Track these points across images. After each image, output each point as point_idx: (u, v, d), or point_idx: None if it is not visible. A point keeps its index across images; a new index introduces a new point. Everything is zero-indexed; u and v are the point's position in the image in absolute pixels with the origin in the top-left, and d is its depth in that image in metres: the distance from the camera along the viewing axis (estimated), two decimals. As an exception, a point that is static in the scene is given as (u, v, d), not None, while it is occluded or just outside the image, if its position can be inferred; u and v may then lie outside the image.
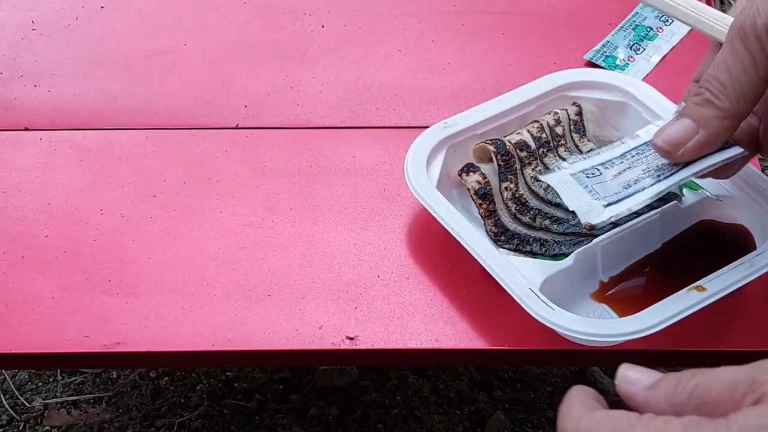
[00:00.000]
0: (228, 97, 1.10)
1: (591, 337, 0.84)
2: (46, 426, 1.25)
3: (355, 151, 1.04)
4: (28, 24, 1.18)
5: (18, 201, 1.00)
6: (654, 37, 1.13)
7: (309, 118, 1.08)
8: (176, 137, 1.06)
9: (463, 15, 1.19)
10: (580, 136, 0.99)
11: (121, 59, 1.14)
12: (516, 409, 1.25)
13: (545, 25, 1.17)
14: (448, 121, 0.99)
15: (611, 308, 0.90)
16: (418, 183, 0.94)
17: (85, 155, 1.04)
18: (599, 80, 1.03)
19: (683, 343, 0.88)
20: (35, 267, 0.94)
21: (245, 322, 0.90)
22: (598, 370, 1.27)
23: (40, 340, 0.89)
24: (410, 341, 0.88)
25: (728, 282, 0.86)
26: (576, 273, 0.90)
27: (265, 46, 1.16)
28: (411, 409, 1.24)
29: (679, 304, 0.84)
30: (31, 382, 1.29)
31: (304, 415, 1.24)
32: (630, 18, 1.16)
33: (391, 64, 1.13)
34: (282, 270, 0.94)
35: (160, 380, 1.28)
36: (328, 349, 0.88)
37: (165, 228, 0.97)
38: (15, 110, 1.09)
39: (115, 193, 1.00)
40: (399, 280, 0.93)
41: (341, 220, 0.98)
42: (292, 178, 1.02)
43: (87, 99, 1.10)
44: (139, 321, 0.90)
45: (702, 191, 0.95)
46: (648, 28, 1.14)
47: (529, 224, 0.93)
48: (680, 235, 0.95)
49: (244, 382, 1.27)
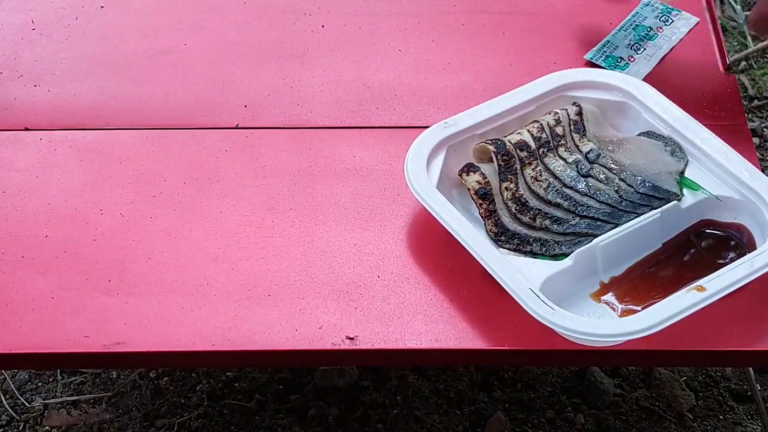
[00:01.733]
0: (228, 97, 1.10)
1: (591, 337, 0.84)
2: (46, 426, 1.25)
3: (355, 151, 1.04)
4: (28, 24, 1.18)
5: (18, 201, 1.00)
6: (654, 36, 1.13)
7: (309, 118, 1.08)
8: (176, 137, 1.06)
9: (463, 15, 1.19)
10: (580, 136, 0.99)
11: (121, 59, 1.14)
12: (516, 409, 1.25)
13: (545, 25, 1.17)
14: (448, 121, 0.99)
15: (616, 297, 0.90)
16: (418, 183, 0.94)
17: (84, 155, 1.04)
18: (599, 80, 1.03)
19: (683, 343, 0.88)
20: (35, 267, 0.94)
21: (245, 322, 0.90)
22: (598, 370, 1.27)
23: (40, 340, 0.89)
24: (410, 341, 0.88)
25: (728, 282, 0.86)
26: (576, 273, 0.90)
27: (265, 46, 1.16)
28: (411, 409, 1.24)
29: (679, 304, 0.84)
30: (31, 382, 1.29)
31: (304, 415, 1.24)
32: (630, 18, 1.16)
33: (391, 64, 1.13)
34: (282, 270, 0.94)
35: (160, 380, 1.28)
36: (328, 349, 0.88)
37: (165, 228, 0.97)
38: (15, 110, 1.09)
39: (115, 193, 1.00)
40: (399, 280, 0.93)
41: (341, 220, 0.98)
42: (292, 178, 1.02)
43: (87, 99, 1.10)
44: (139, 321, 0.90)
45: (702, 191, 0.95)
46: (648, 28, 1.14)
47: (529, 224, 0.93)
48: (680, 235, 0.95)
49: (244, 382, 1.27)
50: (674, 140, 0.99)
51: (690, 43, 1.14)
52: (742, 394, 1.28)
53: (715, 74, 1.11)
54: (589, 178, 0.96)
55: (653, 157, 0.97)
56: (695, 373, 1.30)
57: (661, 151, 0.98)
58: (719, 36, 1.15)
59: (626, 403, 1.27)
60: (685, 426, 1.25)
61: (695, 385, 1.29)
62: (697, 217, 0.95)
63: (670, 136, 0.99)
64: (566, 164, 0.97)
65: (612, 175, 0.96)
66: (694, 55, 1.14)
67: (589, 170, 0.96)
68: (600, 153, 0.97)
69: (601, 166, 0.96)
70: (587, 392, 1.28)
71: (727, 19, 1.72)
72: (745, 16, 1.72)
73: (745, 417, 1.27)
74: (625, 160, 0.97)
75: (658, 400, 1.27)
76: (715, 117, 1.06)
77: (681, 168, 0.97)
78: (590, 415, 1.26)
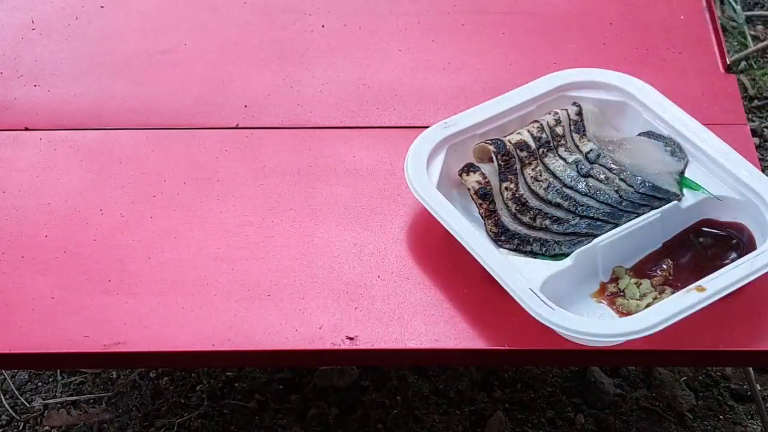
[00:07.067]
0: (228, 97, 1.10)
1: (591, 337, 0.84)
2: (46, 426, 1.25)
3: (355, 151, 1.04)
4: (28, 24, 1.18)
5: (18, 201, 1.00)
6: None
7: (309, 118, 1.08)
8: (176, 137, 1.06)
9: (463, 15, 1.19)
10: (580, 136, 0.99)
11: (121, 59, 1.14)
12: (516, 409, 1.25)
13: (545, 25, 1.17)
14: (448, 121, 0.99)
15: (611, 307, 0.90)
16: (418, 183, 0.93)
17: (85, 155, 1.04)
18: (599, 80, 1.03)
19: (683, 343, 0.88)
20: (35, 267, 0.94)
21: (245, 322, 0.90)
22: (598, 370, 1.27)
23: (40, 340, 0.89)
24: (410, 341, 0.88)
25: (728, 282, 0.86)
26: (576, 273, 0.90)
27: (265, 46, 1.16)
28: (411, 409, 1.24)
29: (679, 304, 0.84)
30: (30, 382, 1.29)
31: (304, 415, 1.24)
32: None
33: (391, 64, 1.13)
34: (282, 270, 0.94)
35: (160, 380, 1.28)
36: (328, 349, 0.88)
37: (165, 228, 0.97)
38: (15, 110, 1.09)
39: (115, 193, 1.00)
40: (399, 280, 0.93)
41: (341, 220, 0.98)
42: (292, 178, 1.02)
43: (87, 99, 1.10)
44: (139, 321, 0.90)
45: (702, 191, 0.95)
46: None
47: (529, 224, 0.93)
48: (680, 235, 0.95)
49: (244, 382, 1.27)
50: (674, 140, 0.99)
51: (690, 43, 1.14)
52: (742, 394, 1.28)
53: (715, 74, 1.11)
54: (589, 178, 0.96)
55: (653, 157, 0.97)
56: (695, 373, 1.30)
57: (661, 151, 0.98)
58: (719, 36, 1.15)
59: (626, 403, 1.27)
60: (685, 426, 1.25)
61: (695, 385, 1.29)
62: (697, 217, 0.95)
63: (670, 136, 0.99)
64: (566, 164, 0.97)
65: (612, 175, 0.96)
66: (694, 55, 1.14)
67: (589, 170, 0.96)
68: (600, 153, 0.97)
69: (601, 166, 0.97)
70: (587, 392, 1.27)
71: (727, 19, 1.72)
72: (745, 16, 1.72)
73: (745, 417, 1.26)
74: (625, 160, 0.97)
75: (658, 400, 1.27)
76: (715, 117, 1.06)
77: (681, 168, 0.97)
78: (590, 415, 1.26)
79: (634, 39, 1.16)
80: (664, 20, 1.18)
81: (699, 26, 1.16)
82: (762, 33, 1.72)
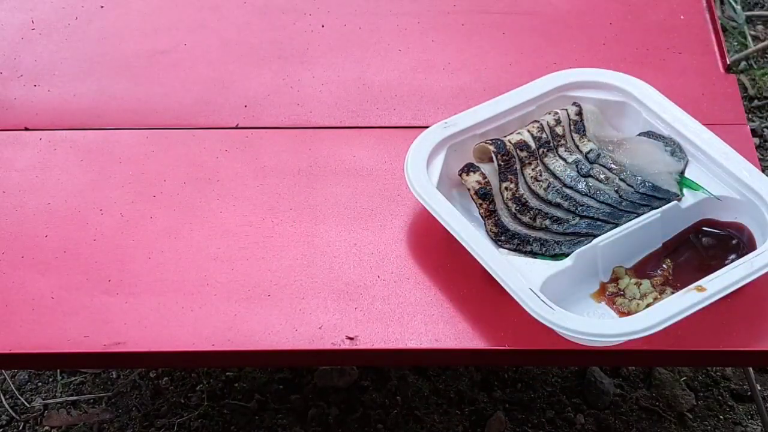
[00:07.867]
0: (228, 97, 1.10)
1: (591, 337, 0.84)
2: (46, 426, 1.25)
3: (355, 151, 1.04)
4: (28, 24, 1.18)
5: (18, 201, 1.00)
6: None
7: (309, 118, 1.08)
8: (176, 137, 1.06)
9: (463, 15, 1.19)
10: (580, 136, 0.99)
11: (121, 59, 1.14)
12: (516, 409, 1.25)
13: (545, 25, 1.17)
14: (448, 121, 0.99)
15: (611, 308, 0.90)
16: (418, 183, 0.94)
17: (85, 155, 1.04)
18: (599, 80, 1.03)
19: (683, 343, 0.88)
20: (35, 267, 0.94)
21: (245, 322, 0.90)
22: (598, 370, 1.27)
23: (40, 340, 0.89)
24: (410, 341, 0.88)
25: (728, 282, 0.86)
26: (576, 273, 0.90)
27: (265, 46, 1.16)
28: (411, 409, 1.24)
29: (679, 304, 0.84)
30: (30, 382, 1.29)
31: (304, 415, 1.24)
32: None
33: (391, 64, 1.13)
34: (282, 270, 0.94)
35: (160, 380, 1.28)
36: (328, 349, 0.88)
37: (165, 228, 0.97)
38: (15, 110, 1.09)
39: (115, 193, 1.00)
40: (399, 280, 0.93)
41: (341, 220, 0.98)
42: (292, 178, 1.02)
43: (87, 99, 1.10)
44: (139, 321, 0.90)
45: (702, 191, 0.95)
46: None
47: (529, 224, 0.93)
48: (680, 235, 0.95)
49: (244, 382, 1.27)
50: (674, 140, 0.99)
51: (690, 43, 1.14)
52: (742, 394, 1.28)
53: (715, 74, 1.11)
54: (589, 178, 0.96)
55: (653, 157, 0.97)
56: (695, 373, 1.30)
57: (661, 151, 0.98)
58: (719, 36, 1.15)
59: (626, 403, 1.27)
60: (685, 426, 1.25)
61: (695, 385, 1.29)
62: (697, 217, 0.95)
63: (670, 136, 0.99)
64: (566, 164, 0.97)
65: (612, 175, 0.96)
66: (694, 55, 1.14)
67: (589, 170, 0.96)
68: (600, 153, 0.97)
69: (601, 166, 0.97)
70: (587, 392, 1.27)
71: (727, 19, 1.72)
72: (745, 16, 1.72)
73: (745, 417, 1.26)
74: (625, 160, 0.97)
75: (658, 400, 1.27)
76: (715, 117, 1.06)
77: (681, 168, 0.97)
78: (590, 415, 1.26)
79: (634, 39, 1.16)
80: (664, 20, 1.18)
81: (699, 26, 1.16)
82: (762, 33, 1.72)
